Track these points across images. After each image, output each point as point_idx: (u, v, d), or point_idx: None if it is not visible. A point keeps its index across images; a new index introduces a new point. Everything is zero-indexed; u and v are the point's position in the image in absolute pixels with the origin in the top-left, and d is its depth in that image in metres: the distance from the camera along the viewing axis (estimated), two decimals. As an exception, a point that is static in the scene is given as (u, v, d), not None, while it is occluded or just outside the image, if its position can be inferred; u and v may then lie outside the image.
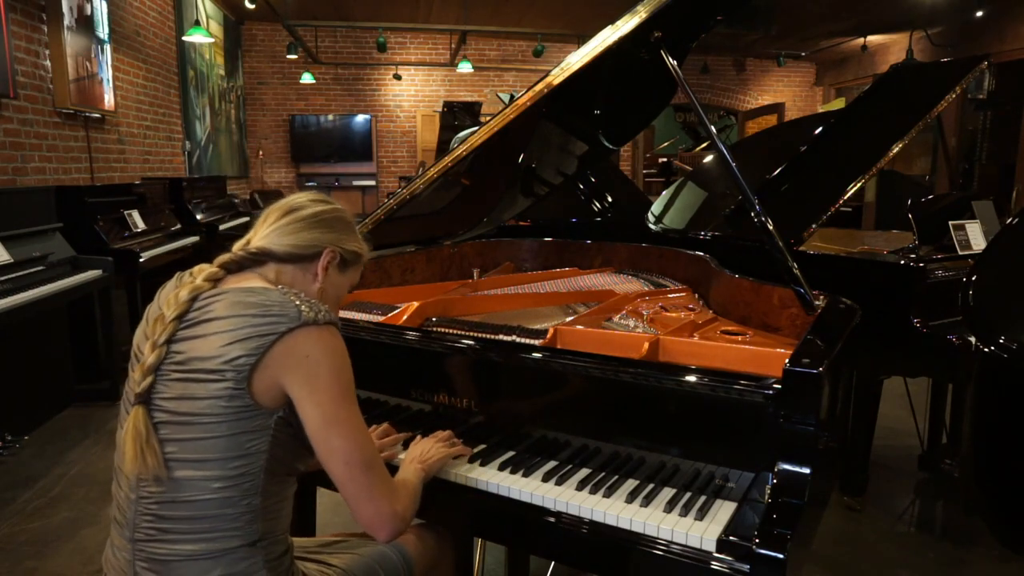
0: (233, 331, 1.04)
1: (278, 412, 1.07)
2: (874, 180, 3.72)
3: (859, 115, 2.89)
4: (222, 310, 1.07)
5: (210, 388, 1.03)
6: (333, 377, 1.07)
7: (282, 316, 1.05)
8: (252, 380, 1.03)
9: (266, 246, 1.17)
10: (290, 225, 1.19)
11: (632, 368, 1.30)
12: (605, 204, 2.75)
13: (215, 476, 1.04)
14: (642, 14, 1.59)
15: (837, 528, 2.58)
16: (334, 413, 1.06)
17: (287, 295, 1.08)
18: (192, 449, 1.04)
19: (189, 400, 1.04)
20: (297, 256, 1.19)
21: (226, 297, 1.08)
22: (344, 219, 1.26)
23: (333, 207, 1.26)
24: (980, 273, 1.73)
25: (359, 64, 10.13)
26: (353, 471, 1.07)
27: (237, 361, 1.03)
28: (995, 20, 7.99)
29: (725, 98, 11.79)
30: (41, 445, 3.34)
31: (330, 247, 1.21)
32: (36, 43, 4.26)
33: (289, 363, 1.04)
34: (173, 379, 1.06)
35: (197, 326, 1.07)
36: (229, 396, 1.03)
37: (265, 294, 1.08)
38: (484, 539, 1.92)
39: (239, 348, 1.03)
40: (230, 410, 1.03)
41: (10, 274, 3.06)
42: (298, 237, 1.19)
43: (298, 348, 1.04)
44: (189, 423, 1.04)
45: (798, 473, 1.15)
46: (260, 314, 1.05)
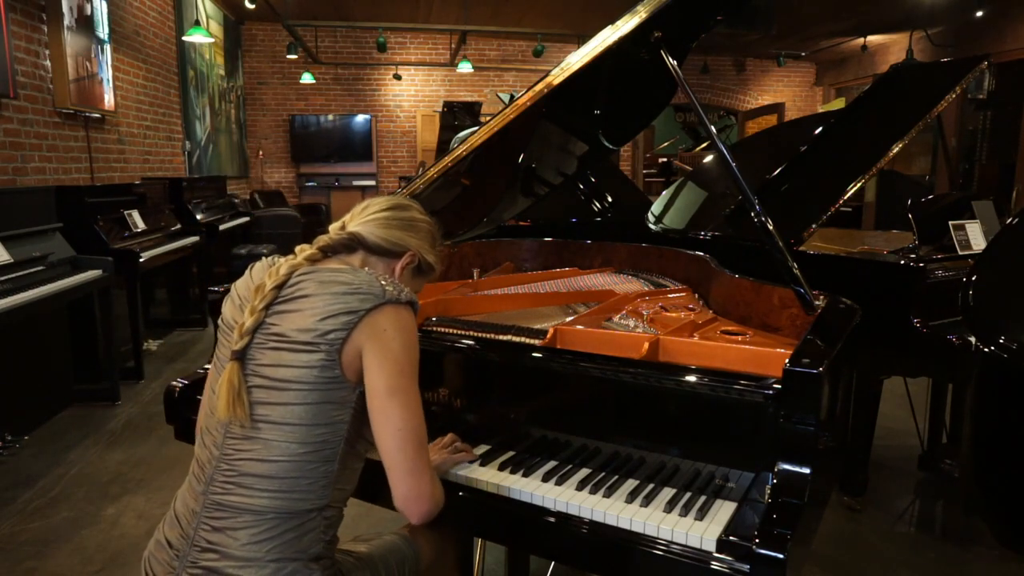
0: (326, 306, 1.13)
1: (360, 387, 1.14)
2: (874, 180, 3.72)
3: (859, 115, 2.89)
4: (315, 288, 1.16)
5: (304, 358, 1.12)
6: (403, 350, 1.14)
7: (368, 294, 1.14)
8: (342, 352, 1.12)
9: (361, 233, 1.27)
10: (387, 220, 1.30)
11: (632, 368, 1.30)
12: (605, 204, 2.75)
13: (299, 440, 1.11)
14: (642, 14, 1.59)
15: (837, 528, 2.58)
16: (397, 383, 1.12)
17: (372, 275, 1.18)
18: (281, 413, 1.12)
19: (284, 367, 1.13)
20: (384, 250, 1.29)
21: (318, 275, 1.17)
22: (432, 232, 1.38)
23: (427, 219, 1.37)
24: (980, 273, 1.73)
25: (359, 64, 10.13)
26: (404, 442, 1.12)
27: (330, 335, 1.11)
28: (995, 20, 7.99)
29: (725, 98, 11.79)
30: (41, 445, 3.34)
31: (414, 251, 1.32)
32: (36, 43, 4.26)
33: (371, 334, 1.12)
34: (269, 348, 1.14)
35: (292, 301, 1.16)
36: (322, 367, 1.11)
37: (353, 274, 1.17)
38: (484, 539, 1.92)
39: (332, 323, 1.12)
40: (321, 380, 1.11)
41: (10, 274, 3.06)
42: (391, 233, 1.29)
43: (379, 322, 1.13)
44: (281, 388, 1.12)
45: (798, 473, 1.15)
46: (350, 292, 1.14)
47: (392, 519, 2.37)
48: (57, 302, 3.34)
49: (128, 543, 2.52)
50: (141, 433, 3.51)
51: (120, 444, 3.38)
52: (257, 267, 1.28)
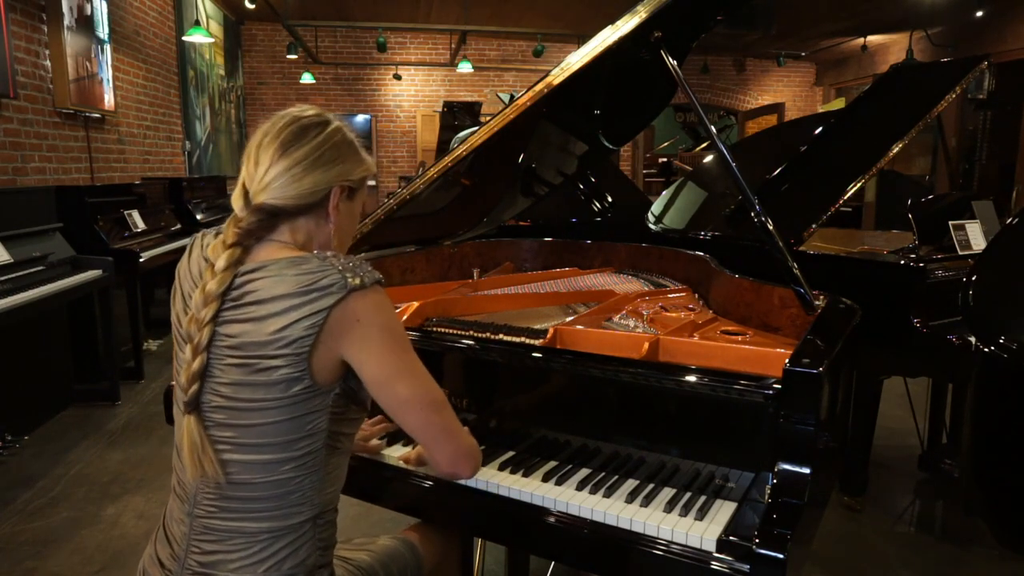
0: (285, 313, 1.01)
1: (335, 388, 1.07)
2: (874, 180, 3.71)
3: (859, 115, 2.89)
4: (268, 289, 1.03)
5: (270, 375, 1.01)
6: (386, 332, 1.05)
7: (329, 287, 1.01)
8: (312, 359, 1.02)
9: (272, 202, 1.09)
10: (289, 172, 1.09)
11: (632, 368, 1.30)
12: (605, 204, 2.75)
13: (282, 459, 1.04)
14: (642, 14, 1.59)
15: (837, 528, 2.58)
16: (394, 365, 1.06)
17: (326, 259, 1.05)
18: (255, 435, 1.03)
19: (249, 388, 1.02)
20: (306, 207, 1.11)
21: (266, 275, 1.04)
22: (343, 143, 1.15)
23: (329, 131, 1.13)
24: (980, 273, 1.73)
25: (359, 64, 10.13)
26: (428, 414, 1.08)
27: (295, 344, 1.01)
28: (995, 20, 7.99)
29: (725, 98, 11.79)
30: (41, 445, 3.34)
31: (337, 184, 1.13)
32: (36, 43, 4.26)
33: (343, 331, 1.02)
34: (229, 364, 1.03)
35: (243, 308, 1.03)
36: (290, 380, 1.02)
37: (305, 263, 1.04)
38: (484, 539, 1.92)
39: (295, 330, 1.01)
40: (292, 394, 1.02)
41: (10, 274, 3.06)
42: (300, 185, 1.09)
43: (349, 315, 1.02)
44: (250, 410, 1.03)
45: (798, 473, 1.15)
46: (308, 290, 1.01)
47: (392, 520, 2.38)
48: (57, 302, 3.34)
49: (128, 543, 2.52)
50: (141, 433, 3.51)
51: (120, 444, 3.38)
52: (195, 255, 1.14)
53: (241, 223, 1.08)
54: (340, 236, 1.17)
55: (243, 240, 1.07)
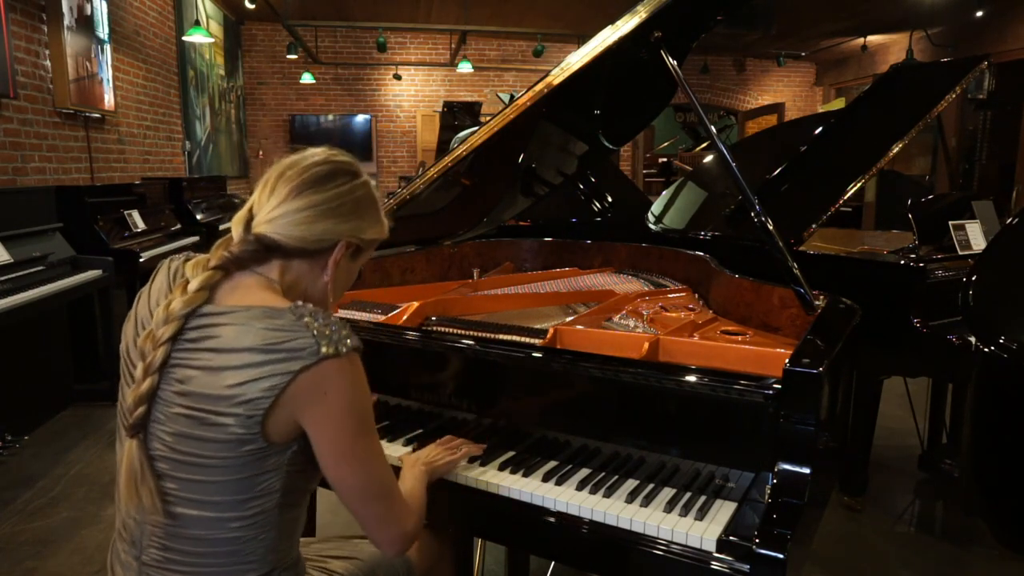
0: (244, 368, 0.92)
1: (292, 447, 0.98)
2: (874, 180, 3.72)
3: (859, 115, 2.89)
4: (229, 339, 0.94)
5: (219, 432, 0.93)
6: (349, 410, 0.97)
7: (299, 351, 0.93)
8: (266, 422, 0.94)
9: (273, 236, 1.02)
10: (302, 212, 1.03)
11: (632, 368, 1.30)
12: (605, 204, 2.75)
13: (230, 517, 0.97)
14: (642, 14, 1.59)
15: (837, 528, 2.58)
16: (350, 449, 0.98)
17: (302, 317, 0.95)
18: (198, 491, 0.96)
19: (195, 441, 0.94)
20: (307, 252, 1.05)
21: (232, 321, 0.95)
22: (366, 199, 1.10)
23: (355, 183, 1.09)
24: (980, 273, 1.73)
25: (359, 64, 10.13)
26: (367, 503, 1.02)
27: (249, 404, 0.92)
28: (995, 20, 7.99)
29: (725, 98, 11.79)
30: (41, 445, 3.34)
31: (346, 239, 1.07)
32: (36, 43, 4.26)
33: (305, 399, 0.94)
34: (174, 412, 0.95)
35: (200, 353, 0.95)
36: (239, 441, 0.94)
37: (277, 318, 0.95)
38: (484, 539, 1.92)
39: (252, 389, 0.92)
40: (241, 455, 0.94)
41: (10, 274, 3.06)
42: (310, 229, 1.03)
43: (316, 385, 0.94)
44: (194, 464, 0.95)
45: (798, 473, 1.15)
46: (274, 349, 0.93)
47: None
48: (57, 302, 3.34)
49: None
50: (141, 433, 3.50)
51: (120, 444, 3.38)
52: (155, 285, 1.06)
53: (232, 248, 1.02)
54: (335, 291, 1.12)
55: (227, 265, 1.01)
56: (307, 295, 1.09)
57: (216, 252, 1.02)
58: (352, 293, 1.90)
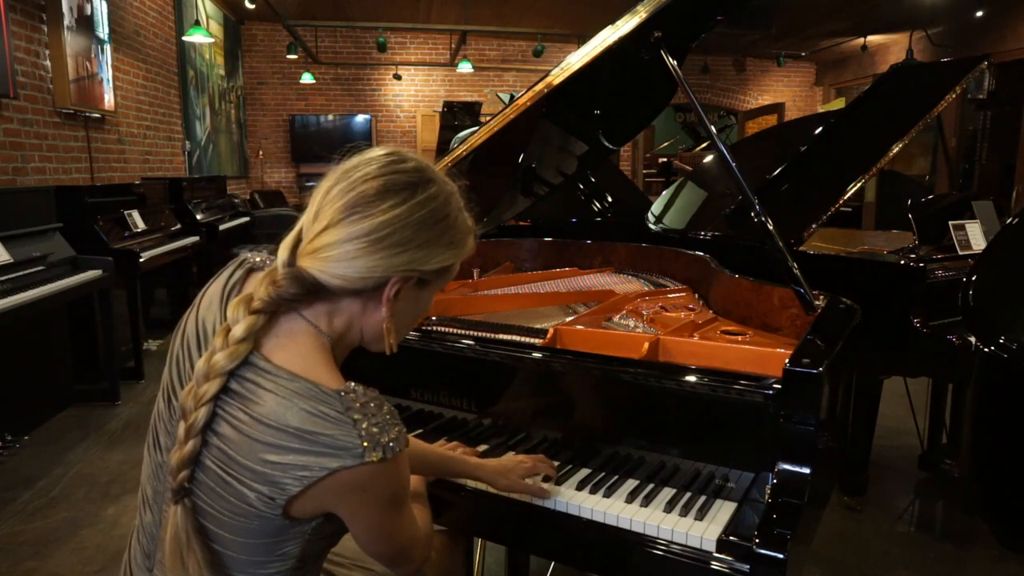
0: (278, 449, 0.84)
1: (318, 520, 0.92)
2: (874, 180, 3.72)
3: (859, 115, 2.89)
4: (269, 410, 0.85)
5: (239, 499, 0.87)
6: (389, 503, 0.91)
7: (341, 451, 0.84)
8: (290, 507, 0.87)
9: (313, 272, 0.89)
10: (343, 246, 0.88)
11: (632, 368, 1.30)
12: (605, 204, 2.75)
13: (245, 573, 0.93)
14: (642, 14, 1.59)
15: (837, 528, 2.58)
16: (384, 528, 0.94)
17: (350, 411, 0.85)
18: (216, 542, 0.91)
19: (218, 497, 0.89)
20: (355, 291, 0.92)
21: (276, 390, 0.86)
22: (431, 219, 0.93)
23: (412, 203, 0.91)
24: (980, 273, 1.73)
25: (359, 64, 10.13)
26: (394, 557, 1.01)
27: (275, 487, 0.85)
28: (995, 20, 8.00)
29: (725, 98, 11.79)
30: (41, 445, 3.34)
31: (399, 274, 0.92)
32: (36, 43, 4.26)
33: (340, 496, 0.87)
34: (209, 464, 0.88)
35: (239, 412, 0.87)
36: (258, 515, 0.87)
37: (323, 403, 0.85)
38: (484, 539, 1.92)
39: (282, 473, 0.84)
40: (259, 523, 0.88)
41: (10, 274, 3.06)
42: (352, 266, 0.89)
43: (355, 485, 0.86)
44: (216, 517, 0.90)
45: (798, 473, 1.15)
46: (313, 439, 0.84)
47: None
48: (57, 302, 3.34)
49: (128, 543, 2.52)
50: (141, 433, 3.50)
51: (120, 444, 3.38)
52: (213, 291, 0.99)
53: (275, 287, 0.89)
54: (396, 331, 0.98)
55: (271, 308, 0.90)
56: (364, 337, 0.98)
57: (260, 290, 0.90)
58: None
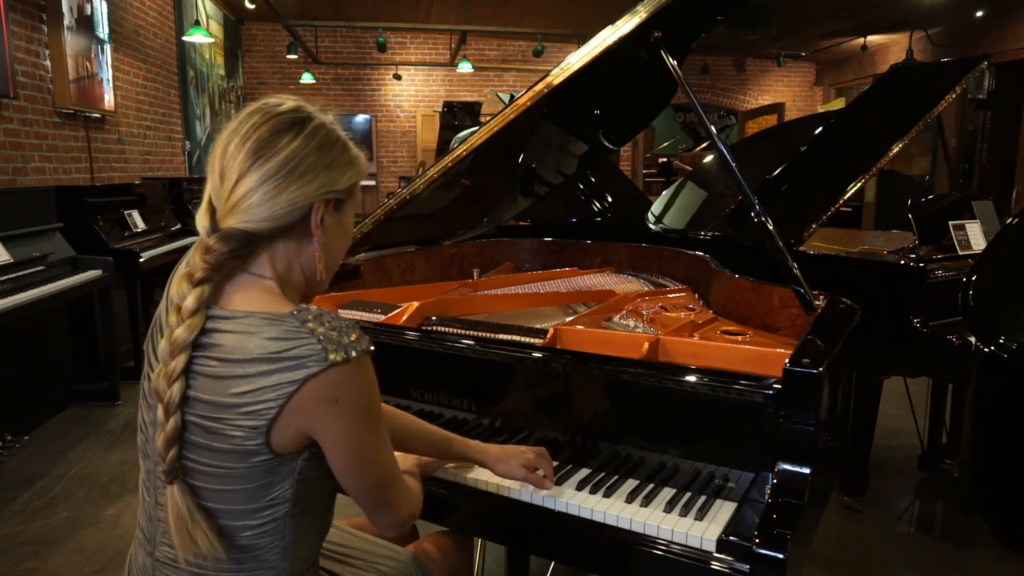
0: (249, 378, 0.89)
1: (303, 456, 0.95)
2: (874, 180, 3.72)
3: (859, 115, 2.89)
4: (233, 347, 0.90)
5: (225, 442, 0.91)
6: (363, 416, 0.95)
7: (305, 358, 0.88)
8: (271, 434, 0.90)
9: (240, 227, 0.94)
10: (259, 189, 0.94)
11: (632, 368, 1.30)
12: (605, 204, 2.75)
13: (240, 526, 0.95)
14: (642, 14, 1.59)
15: (837, 528, 2.58)
16: (363, 453, 0.97)
17: (305, 323, 0.90)
18: (209, 498, 0.94)
19: (204, 450, 0.92)
20: (284, 227, 0.97)
21: (234, 328, 0.92)
22: (325, 145, 0.99)
23: (305, 134, 0.97)
24: (980, 273, 1.73)
25: (359, 64, 10.13)
26: (374, 493, 1.03)
27: (254, 415, 0.89)
28: (995, 20, 8.00)
29: (725, 98, 11.79)
30: (41, 445, 3.34)
31: (318, 198, 0.97)
32: (36, 43, 4.26)
33: (314, 410, 0.90)
34: (187, 420, 0.93)
35: (210, 361, 0.91)
36: (246, 452, 0.91)
37: (280, 324, 0.90)
38: (484, 539, 1.92)
39: (257, 399, 0.89)
40: (251, 465, 0.92)
41: (10, 274, 3.06)
42: (274, 205, 0.94)
43: (325, 394, 0.90)
44: (204, 473, 0.93)
45: (798, 473, 1.15)
46: (278, 357, 0.88)
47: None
48: (57, 302, 3.34)
49: (128, 543, 2.50)
50: (141, 433, 3.51)
51: (120, 444, 3.38)
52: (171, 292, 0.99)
53: (211, 254, 0.93)
54: (328, 256, 1.03)
55: (213, 274, 0.94)
56: (305, 273, 1.03)
57: (197, 260, 0.94)
58: (352, 293, 1.90)
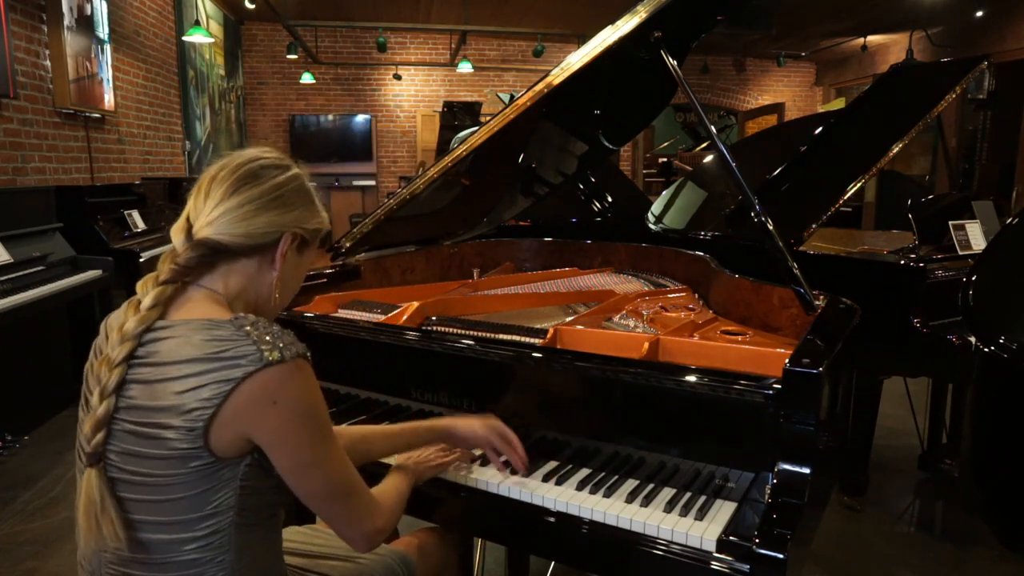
0: (184, 378, 0.91)
1: (245, 460, 0.94)
2: (874, 180, 3.72)
3: (859, 115, 2.89)
4: (171, 351, 0.93)
5: (161, 447, 0.91)
6: (303, 418, 0.95)
7: (240, 359, 0.90)
8: (209, 435, 0.90)
9: (215, 237, 1.00)
10: (242, 208, 1.01)
11: (632, 368, 1.30)
12: (605, 204, 2.75)
13: (184, 539, 0.94)
14: (642, 14, 1.59)
15: (837, 528, 2.58)
16: (309, 456, 0.96)
17: (242, 327, 0.93)
18: (149, 511, 0.94)
19: (142, 459, 0.92)
20: (251, 247, 1.03)
21: (174, 335, 0.95)
22: (303, 189, 1.09)
23: (290, 175, 1.07)
24: (980, 273, 1.73)
25: (359, 64, 10.13)
26: (332, 504, 1.01)
27: (190, 415, 0.90)
28: (995, 20, 7.99)
29: (725, 98, 11.79)
30: (41, 445, 3.34)
31: (290, 231, 1.05)
32: (36, 43, 4.26)
33: (253, 412, 0.91)
34: (120, 429, 0.94)
35: (146, 368, 0.94)
36: (184, 457, 0.91)
37: (217, 329, 0.94)
38: (484, 539, 1.92)
39: (192, 399, 0.90)
40: (190, 471, 0.91)
41: (10, 274, 3.06)
42: (251, 224, 1.01)
43: (262, 395, 0.91)
44: (143, 484, 0.93)
45: (798, 473, 1.15)
46: (213, 358, 0.91)
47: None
48: (57, 302, 3.34)
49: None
50: (141, 433, 3.51)
51: (120, 444, 3.38)
52: (111, 319, 1.04)
53: (179, 258, 1.00)
54: (283, 289, 1.08)
55: (177, 277, 1.00)
56: (256, 298, 1.07)
57: (164, 266, 1.01)
58: (352, 293, 1.90)
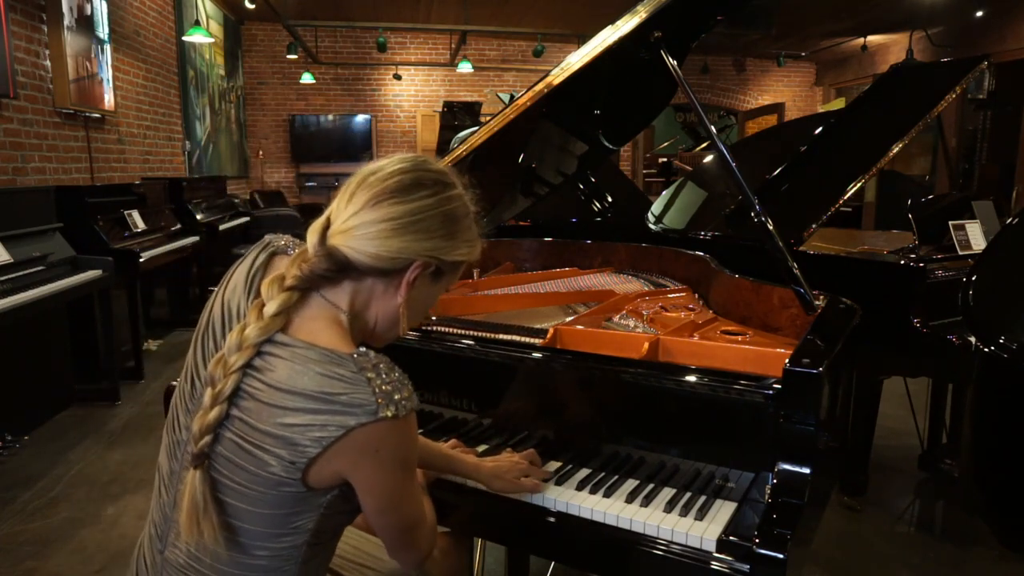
0: (297, 412, 0.89)
1: (332, 492, 0.96)
2: (874, 180, 3.72)
3: (859, 115, 2.89)
4: (286, 378, 0.90)
5: (260, 468, 0.91)
6: (400, 466, 0.95)
7: (356, 407, 0.88)
8: (308, 470, 0.91)
9: (343, 250, 0.96)
10: (377, 225, 0.95)
11: (632, 368, 1.30)
12: (605, 204, 2.75)
13: (258, 546, 0.96)
14: (642, 14, 1.59)
15: (837, 528, 2.58)
16: (396, 498, 0.98)
17: (364, 371, 0.90)
18: (233, 514, 0.95)
19: (238, 469, 0.92)
20: (379, 270, 0.98)
21: (292, 358, 0.91)
22: (451, 216, 1.00)
23: (441, 197, 0.99)
24: (980, 273, 1.73)
25: (359, 64, 10.13)
26: (401, 533, 1.04)
27: (295, 449, 0.89)
28: (995, 20, 8.00)
29: (725, 98, 11.79)
30: (41, 445, 3.34)
31: (423, 259, 0.98)
32: (36, 43, 4.26)
33: (355, 457, 0.91)
34: (228, 436, 0.93)
35: (260, 384, 0.91)
36: (278, 482, 0.91)
37: (337, 365, 0.90)
38: (484, 539, 1.92)
39: (301, 435, 0.89)
40: (279, 492, 0.92)
41: (10, 274, 3.06)
42: (382, 246, 0.95)
43: (368, 445, 0.90)
44: (233, 489, 0.93)
45: (798, 473, 1.15)
46: (329, 399, 0.88)
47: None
48: (57, 302, 3.34)
49: (128, 543, 2.52)
50: (141, 433, 3.51)
51: (120, 444, 3.38)
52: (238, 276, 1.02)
53: (307, 264, 0.96)
54: (409, 315, 1.04)
55: (303, 285, 0.96)
56: (377, 320, 1.03)
57: (292, 269, 0.97)
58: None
